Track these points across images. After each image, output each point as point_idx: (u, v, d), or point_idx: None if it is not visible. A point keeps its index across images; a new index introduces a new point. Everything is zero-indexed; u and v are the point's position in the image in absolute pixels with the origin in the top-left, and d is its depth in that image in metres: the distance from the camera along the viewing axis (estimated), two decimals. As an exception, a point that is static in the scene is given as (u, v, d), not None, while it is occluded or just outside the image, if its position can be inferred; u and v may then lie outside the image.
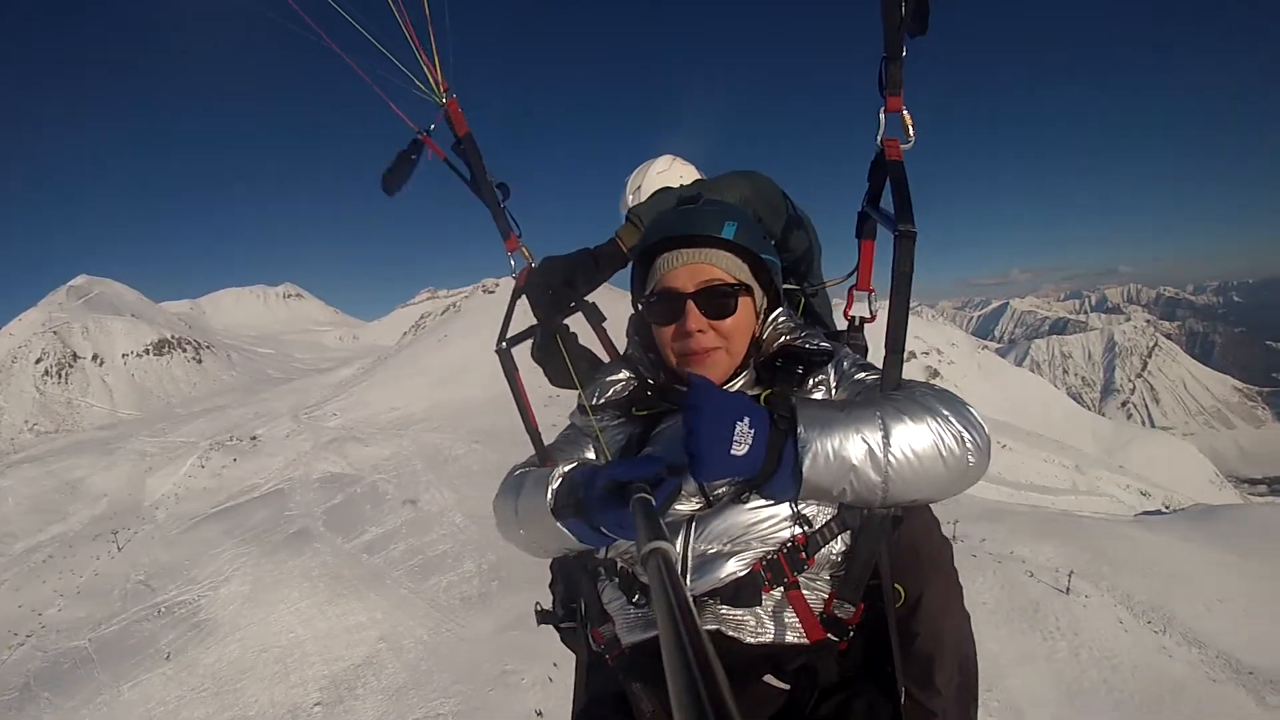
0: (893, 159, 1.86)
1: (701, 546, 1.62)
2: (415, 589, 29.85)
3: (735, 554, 1.61)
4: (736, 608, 1.60)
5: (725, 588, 1.59)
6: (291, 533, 35.81)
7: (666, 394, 1.84)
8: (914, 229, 1.70)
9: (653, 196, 2.62)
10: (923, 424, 1.54)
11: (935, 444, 1.53)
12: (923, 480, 1.54)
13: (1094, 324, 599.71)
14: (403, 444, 50.68)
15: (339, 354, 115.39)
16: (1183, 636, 32.16)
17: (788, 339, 1.88)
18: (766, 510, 1.61)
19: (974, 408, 1.63)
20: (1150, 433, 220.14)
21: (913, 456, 1.51)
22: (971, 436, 1.56)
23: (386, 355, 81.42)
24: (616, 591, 1.73)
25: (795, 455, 1.48)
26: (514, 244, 2.27)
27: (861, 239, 2.14)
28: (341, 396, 66.29)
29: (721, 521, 1.61)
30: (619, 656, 1.76)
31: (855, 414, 1.54)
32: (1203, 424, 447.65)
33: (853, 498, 1.56)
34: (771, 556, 1.61)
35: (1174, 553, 46.02)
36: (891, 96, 1.90)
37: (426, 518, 37.25)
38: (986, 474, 1.62)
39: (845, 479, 1.50)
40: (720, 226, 1.76)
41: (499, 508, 1.82)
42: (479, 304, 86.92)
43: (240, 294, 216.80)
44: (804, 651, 1.62)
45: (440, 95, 2.16)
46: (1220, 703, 27.65)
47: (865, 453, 1.49)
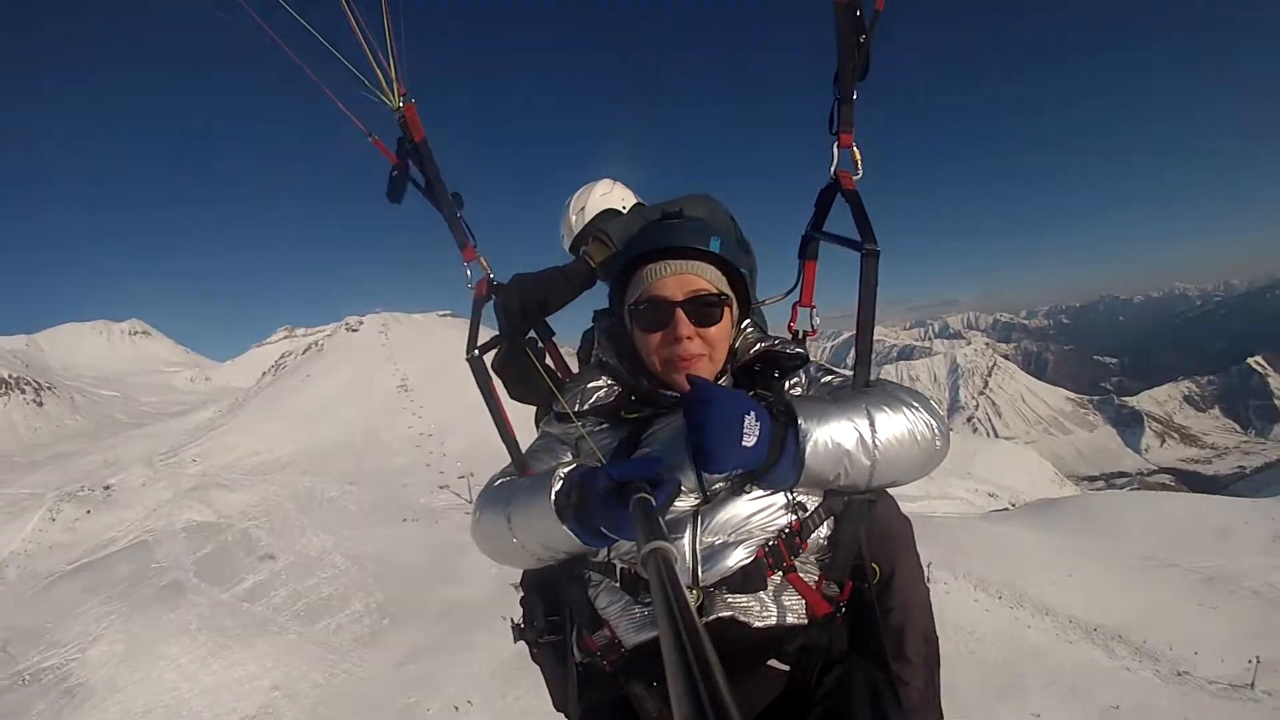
0: (849, 189, 2.06)
1: (708, 539, 1.68)
2: (304, 633, 29.14)
3: (740, 543, 1.69)
4: (744, 594, 1.67)
5: (734, 576, 1.66)
6: (162, 586, 33.94)
7: (652, 398, 1.92)
8: (878, 248, 1.91)
9: (619, 217, 2.79)
10: (900, 413, 1.70)
11: (912, 430, 1.69)
12: (904, 462, 1.71)
13: (938, 349, 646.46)
14: (271, 489, 48.62)
15: (190, 397, 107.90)
16: (1035, 608, 36.95)
17: (765, 345, 2.01)
18: (765, 500, 1.71)
19: (933, 401, 1.82)
20: (995, 443, 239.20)
21: (895, 441, 1.67)
22: (937, 424, 1.74)
23: (245, 397, 76.96)
24: (617, 593, 1.76)
25: (797, 444, 1.59)
26: (471, 254, 2.29)
27: (805, 259, 2.33)
28: (199, 441, 62.52)
29: (725, 513, 1.70)
30: (618, 660, 1.75)
31: (844, 406, 1.69)
32: (1042, 432, 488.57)
33: (846, 482, 1.69)
34: (772, 543, 1.70)
35: (1020, 540, 51.72)
36: (844, 134, 2.10)
37: (306, 562, 36.21)
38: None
39: (841, 464, 1.64)
40: (706, 240, 1.89)
41: (484, 519, 1.82)
42: (342, 343, 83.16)
43: (81, 330, 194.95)
44: (802, 632, 1.70)
45: (397, 100, 2.15)
46: (1076, 658, 32.29)
47: (857, 440, 1.63)
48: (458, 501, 46.18)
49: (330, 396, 70.50)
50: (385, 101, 2.14)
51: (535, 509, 1.63)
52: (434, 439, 59.95)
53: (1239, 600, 43.50)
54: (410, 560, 35.79)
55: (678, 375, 1.86)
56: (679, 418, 1.78)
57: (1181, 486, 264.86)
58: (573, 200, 3.21)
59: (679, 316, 1.83)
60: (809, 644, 1.70)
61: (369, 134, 2.21)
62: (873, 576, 1.85)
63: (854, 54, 2.06)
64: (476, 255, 2.29)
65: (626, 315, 1.99)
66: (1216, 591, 44.88)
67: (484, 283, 2.28)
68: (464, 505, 44.85)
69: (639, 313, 1.90)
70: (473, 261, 2.29)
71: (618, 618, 1.75)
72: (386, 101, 2.14)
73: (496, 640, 26.16)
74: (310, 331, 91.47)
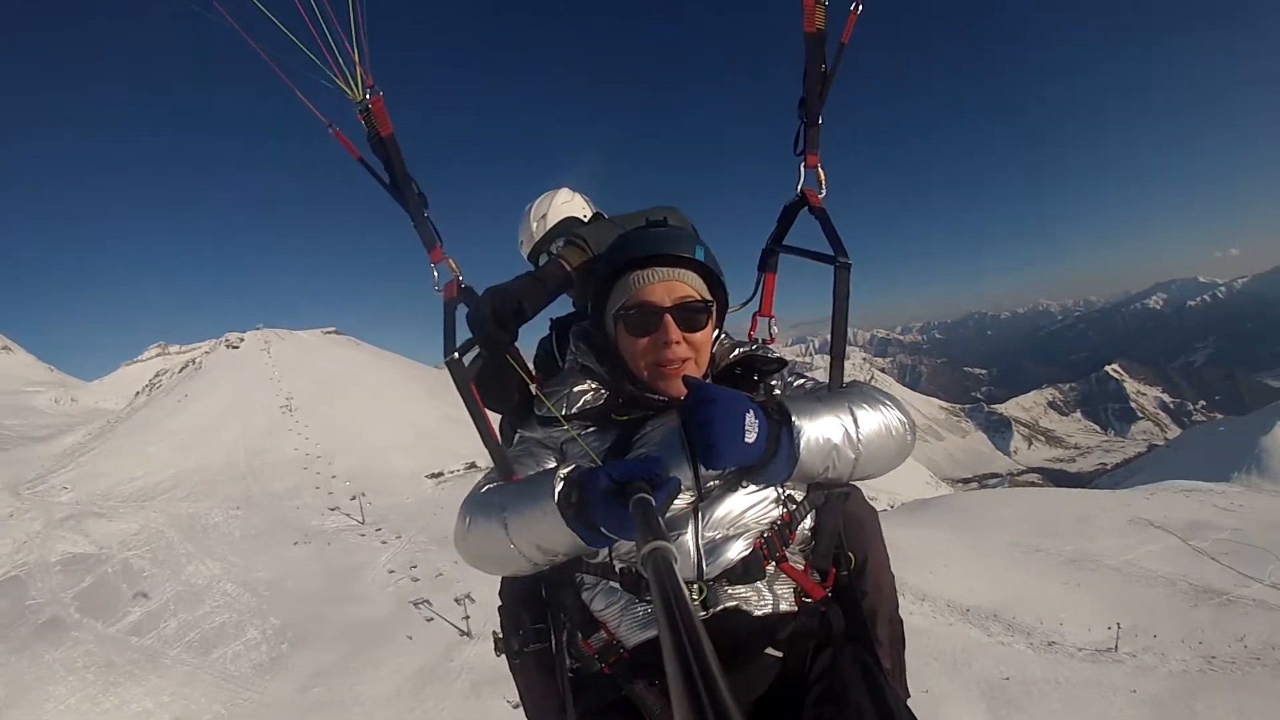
0: (817, 206, 2.16)
1: (709, 534, 1.74)
2: (200, 664, 28.37)
3: (739, 536, 1.76)
4: (743, 584, 1.74)
5: (734, 568, 1.73)
6: (41, 623, 32.03)
7: (640, 400, 1.93)
8: (850, 261, 2.00)
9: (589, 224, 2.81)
10: (879, 410, 1.81)
11: (889, 425, 1.81)
12: (883, 455, 1.80)
13: (818, 364, 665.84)
14: (151, 516, 46.23)
15: (57, 419, 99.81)
16: (914, 595, 39.76)
17: (745, 350, 2.09)
18: (759, 494, 1.79)
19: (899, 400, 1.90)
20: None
21: (876, 436, 1.77)
22: (908, 420, 1.86)
23: (117, 419, 71.99)
24: (616, 594, 1.78)
25: (791, 440, 1.66)
26: (439, 255, 2.20)
27: (764, 271, 2.42)
28: (69, 468, 58.57)
29: (723, 509, 1.76)
30: (616, 662, 1.75)
31: (829, 404, 1.77)
32: (917, 439, 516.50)
33: (833, 475, 1.76)
34: (766, 535, 1.78)
35: (898, 536, 54.95)
36: (810, 155, 2.20)
37: (195, 591, 34.92)
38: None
39: (830, 458, 1.71)
40: (692, 249, 1.90)
41: (476, 527, 1.79)
42: (222, 360, 78.70)
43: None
44: (792, 618, 1.77)
45: (362, 91, 2.08)
46: (955, 638, 34.77)
47: (843, 435, 1.72)
48: (349, 523, 45.15)
49: (211, 417, 67.36)
50: (349, 93, 2.06)
51: (535, 512, 1.63)
52: (322, 460, 58.34)
53: (1100, 577, 47.90)
54: (305, 584, 35.08)
55: (666, 379, 1.90)
56: (671, 418, 1.86)
57: (1048, 483, 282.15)
58: (533, 208, 3.17)
59: (668, 322, 1.86)
60: (799, 629, 1.77)
61: (330, 125, 2.14)
62: (848, 564, 1.95)
63: (820, 81, 2.19)
64: (445, 257, 2.20)
65: (611, 320, 1.99)
66: (1080, 571, 49.18)
67: (453, 285, 2.18)
68: (356, 527, 44.10)
69: (628, 317, 1.91)
70: (440, 263, 2.20)
71: (618, 618, 1.78)
72: (350, 93, 2.06)
73: (400, 657, 26.41)
74: (186, 349, 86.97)
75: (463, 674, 25.08)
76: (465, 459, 55.95)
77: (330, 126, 2.12)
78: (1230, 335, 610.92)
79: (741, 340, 2.27)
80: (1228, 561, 50.75)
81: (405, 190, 2.16)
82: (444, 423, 64.09)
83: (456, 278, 2.19)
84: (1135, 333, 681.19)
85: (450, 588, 32.29)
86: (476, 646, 26.97)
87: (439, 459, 58.49)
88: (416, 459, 59.62)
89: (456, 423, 73.31)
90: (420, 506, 47.70)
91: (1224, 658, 35.82)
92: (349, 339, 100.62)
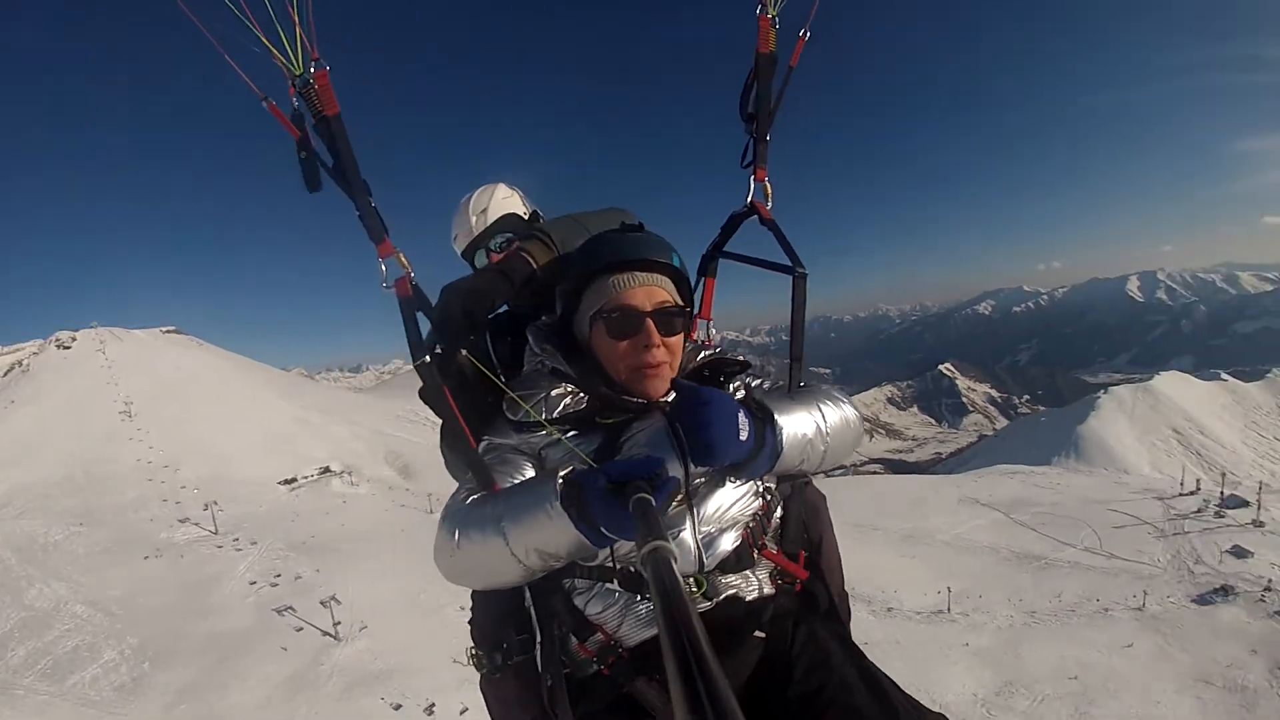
0: (767, 218, 2.29)
1: (704, 528, 1.82)
2: (57, 692, 27.42)
3: (729, 528, 1.86)
4: (736, 573, 1.85)
5: (728, 558, 1.83)
6: None
7: (618, 403, 1.93)
8: (806, 270, 2.15)
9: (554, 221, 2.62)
10: (839, 406, 1.95)
11: (848, 419, 1.95)
12: (845, 447, 1.94)
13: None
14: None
15: None
16: None
17: (711, 354, 2.16)
18: (742, 488, 1.90)
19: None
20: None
21: (839, 429, 1.91)
22: (859, 415, 2.01)
23: None
24: (614, 595, 1.80)
25: (773, 436, 1.74)
26: (388, 249, 1.96)
27: (705, 276, 2.50)
28: None
29: (712, 504, 1.84)
30: (616, 663, 1.77)
31: (800, 402, 1.88)
32: None
33: (806, 466, 1.86)
34: (750, 525, 1.90)
35: None
36: (760, 169, 2.34)
37: (41, 616, 33.23)
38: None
39: (805, 451, 1.81)
40: (669, 254, 1.95)
41: (470, 540, 1.68)
42: (52, 363, 72.02)
43: None
44: (772, 600, 1.88)
45: (300, 65, 1.85)
46: None
47: (815, 429, 1.83)
48: (201, 533, 44.10)
49: (43, 425, 62.71)
50: (288, 66, 1.85)
51: (538, 516, 1.57)
52: (168, 469, 56.02)
53: (933, 550, 54.43)
54: (160, 599, 34.11)
55: (644, 381, 1.90)
56: (655, 420, 1.88)
57: (888, 472, 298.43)
58: (471, 201, 3.00)
59: (650, 326, 1.87)
60: (779, 610, 1.88)
61: (264, 98, 1.90)
62: (811, 546, 2.08)
63: (769, 100, 2.27)
64: (395, 251, 1.96)
65: (586, 321, 1.97)
66: (915, 545, 55.63)
67: (404, 282, 1.96)
68: (210, 538, 43.17)
69: (610, 320, 1.89)
70: (390, 258, 1.96)
71: (618, 619, 1.79)
72: (289, 67, 1.85)
73: (266, 666, 26.50)
74: (9, 349, 79.07)
75: (334, 677, 25.68)
76: (319, 464, 55.31)
77: (265, 100, 1.90)
78: (1051, 338, 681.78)
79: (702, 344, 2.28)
80: (1045, 531, 58.88)
81: (352, 177, 1.95)
82: (295, 426, 62.81)
83: (408, 274, 1.98)
84: (967, 336, 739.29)
85: (313, 592, 32.57)
86: (346, 648, 27.58)
87: (291, 464, 57.35)
88: (268, 465, 58.33)
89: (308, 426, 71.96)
90: (275, 513, 47.15)
91: (1044, 612, 42.02)
92: (190, 339, 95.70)
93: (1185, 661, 33.97)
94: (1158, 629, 37.98)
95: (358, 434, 76.37)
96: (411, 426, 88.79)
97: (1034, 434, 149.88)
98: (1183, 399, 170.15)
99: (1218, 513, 60.54)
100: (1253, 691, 31.02)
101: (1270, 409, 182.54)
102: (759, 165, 2.35)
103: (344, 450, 68.36)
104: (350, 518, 50.01)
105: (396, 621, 30.68)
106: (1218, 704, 30.47)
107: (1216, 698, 30.95)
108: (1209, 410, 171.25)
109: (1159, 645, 35.90)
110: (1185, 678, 32.47)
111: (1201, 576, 46.11)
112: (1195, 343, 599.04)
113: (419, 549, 34.29)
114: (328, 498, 56.56)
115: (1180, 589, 43.96)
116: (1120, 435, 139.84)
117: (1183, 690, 31.53)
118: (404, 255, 1.98)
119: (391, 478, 67.12)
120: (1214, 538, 53.74)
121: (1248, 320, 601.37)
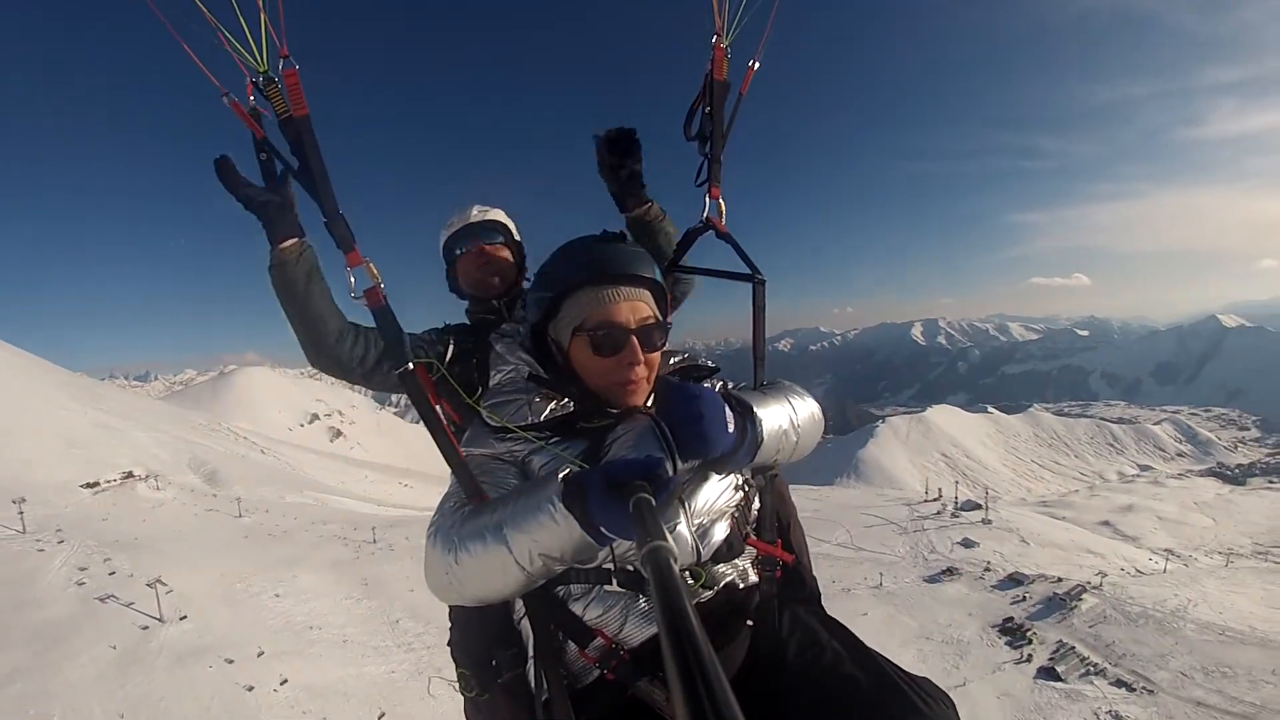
0: (723, 231, 2.34)
1: (697, 520, 1.82)
2: None
3: (718, 520, 1.88)
4: (728, 562, 1.87)
5: (720, 548, 1.85)
6: None
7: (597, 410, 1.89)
8: (765, 278, 2.20)
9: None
10: (805, 400, 2.00)
11: (814, 413, 2.00)
12: (813, 438, 2.00)
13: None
14: None
15: None
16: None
17: (680, 360, 2.15)
18: (726, 480, 1.91)
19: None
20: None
21: (808, 422, 1.96)
22: (821, 408, 2.07)
23: None
24: (614, 596, 1.77)
25: (754, 430, 1.77)
26: (357, 258, 1.89)
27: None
28: None
29: (700, 497, 1.84)
30: (618, 665, 1.73)
31: (773, 397, 1.92)
32: None
33: (780, 456, 1.89)
34: (735, 515, 1.94)
35: None
36: (714, 186, 2.37)
37: None
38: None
39: (780, 443, 1.86)
40: (651, 269, 1.89)
41: (469, 553, 1.59)
42: None
43: None
44: (757, 587, 1.92)
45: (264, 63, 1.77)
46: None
47: (789, 422, 1.88)
48: (9, 532, 40.47)
49: None
50: (250, 62, 1.75)
51: (541, 519, 1.50)
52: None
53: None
54: None
55: (625, 396, 1.86)
56: (641, 420, 1.83)
57: None
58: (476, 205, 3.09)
59: (634, 344, 1.82)
60: (764, 595, 1.91)
61: (225, 94, 1.78)
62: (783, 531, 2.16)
63: (724, 123, 2.36)
64: (364, 260, 1.88)
65: (566, 333, 1.89)
66: None
67: (375, 292, 1.90)
68: (18, 536, 40.95)
69: (595, 336, 1.82)
70: (359, 267, 1.88)
71: (619, 620, 1.76)
72: (252, 63, 1.75)
73: (95, 647, 25.66)
74: None
75: (163, 652, 25.91)
76: (121, 469, 53.55)
77: (226, 95, 1.78)
78: (843, 374, 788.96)
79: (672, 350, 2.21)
80: (806, 531, 67.34)
81: (321, 182, 1.87)
82: (96, 430, 60.37)
83: (378, 285, 1.90)
84: (767, 370, 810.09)
85: (133, 582, 31.99)
86: (171, 629, 27.86)
87: (92, 469, 54.74)
88: (68, 470, 53.83)
89: (109, 431, 70.01)
90: (82, 515, 44.78)
91: (800, 596, 49.32)
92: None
93: (911, 625, 39.62)
94: (891, 601, 43.33)
95: (160, 440, 72.86)
96: (215, 435, 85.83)
97: (822, 459, 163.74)
98: (951, 428, 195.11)
99: (954, 514, 73.57)
100: (966, 644, 36.99)
101: (1028, 437, 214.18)
102: (713, 183, 2.36)
103: (147, 456, 64.90)
104: (159, 520, 47.07)
105: (218, 607, 31.62)
106: (936, 653, 35.79)
107: (935, 649, 36.37)
108: (974, 437, 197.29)
109: (890, 613, 41.32)
110: (910, 635, 38.04)
111: (934, 562, 53.83)
112: (970, 381, 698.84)
113: (234, 547, 37.07)
114: (135, 501, 53.89)
115: (915, 572, 51.11)
116: (895, 458, 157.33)
117: (906, 644, 36.29)
118: (373, 265, 1.89)
119: (197, 484, 64.56)
120: (948, 533, 63.79)
121: (1015, 363, 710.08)
